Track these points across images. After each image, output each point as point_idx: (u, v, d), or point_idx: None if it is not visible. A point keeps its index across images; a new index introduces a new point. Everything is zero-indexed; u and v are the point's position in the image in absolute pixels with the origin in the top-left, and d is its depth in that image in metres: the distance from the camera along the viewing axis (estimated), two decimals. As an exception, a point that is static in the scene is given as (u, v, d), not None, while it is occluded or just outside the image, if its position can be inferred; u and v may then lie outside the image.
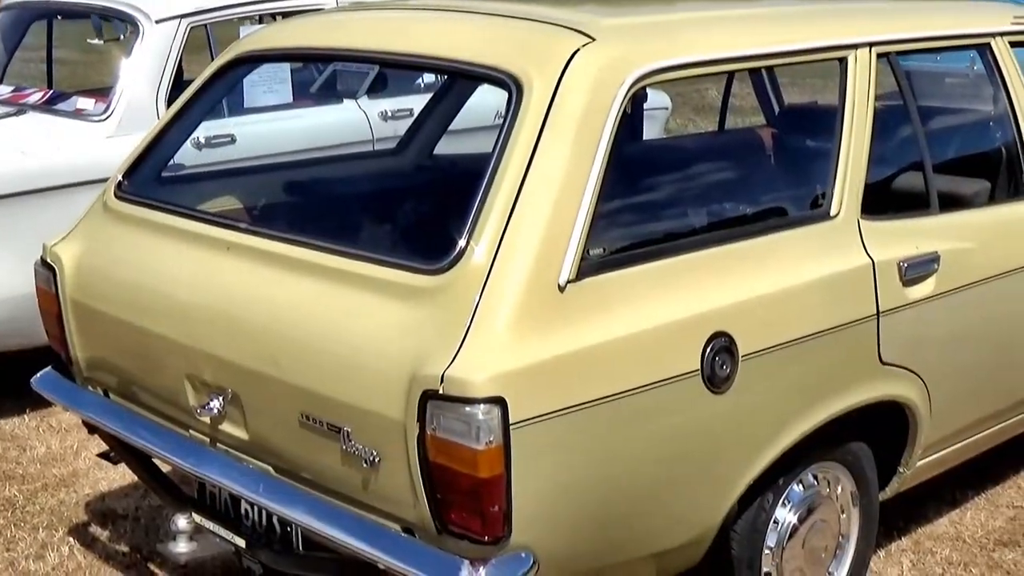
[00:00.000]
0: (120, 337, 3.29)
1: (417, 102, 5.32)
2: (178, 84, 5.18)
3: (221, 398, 2.99)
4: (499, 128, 2.76)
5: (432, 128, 4.41)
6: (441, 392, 2.49)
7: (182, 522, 3.22)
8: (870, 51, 3.33)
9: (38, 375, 3.61)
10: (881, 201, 3.37)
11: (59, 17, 6.52)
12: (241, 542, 3.13)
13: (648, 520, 2.86)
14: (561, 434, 2.59)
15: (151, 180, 3.54)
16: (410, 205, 3.83)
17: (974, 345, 3.58)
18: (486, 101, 4.02)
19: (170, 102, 4.88)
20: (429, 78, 5.85)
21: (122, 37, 5.56)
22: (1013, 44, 3.85)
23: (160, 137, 3.56)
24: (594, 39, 2.86)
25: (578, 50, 2.82)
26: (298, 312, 2.84)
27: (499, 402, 2.48)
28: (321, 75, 6.18)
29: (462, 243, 2.62)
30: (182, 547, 3.23)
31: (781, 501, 3.17)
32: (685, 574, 3.07)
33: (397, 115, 5.86)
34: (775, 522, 3.17)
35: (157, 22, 5.26)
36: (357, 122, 5.84)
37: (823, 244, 3.14)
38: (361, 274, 2.76)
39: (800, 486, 3.22)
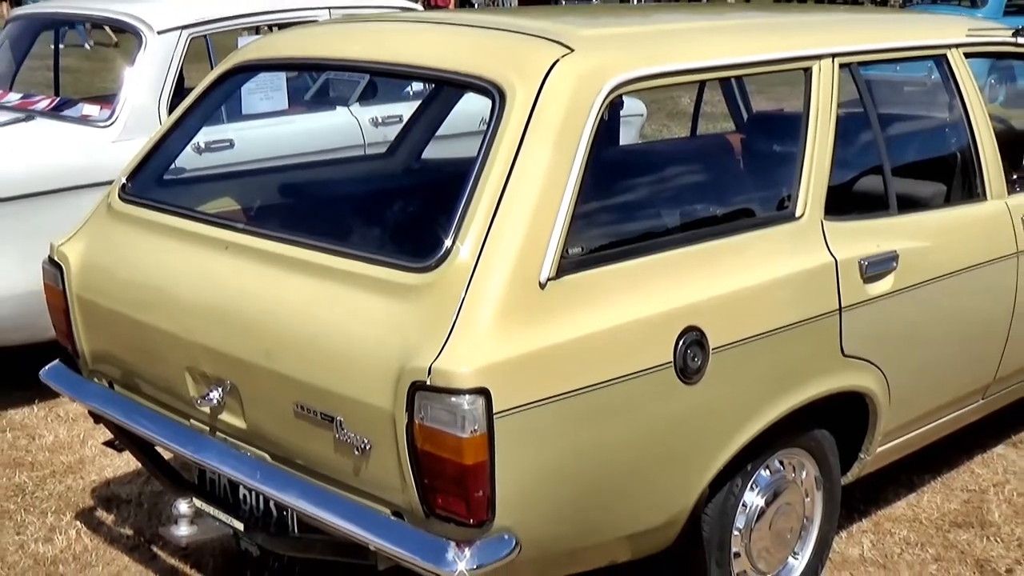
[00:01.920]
0: (124, 332, 3.34)
1: (406, 109, 5.34)
2: (179, 91, 5.22)
3: (220, 389, 3.04)
4: (483, 134, 2.80)
5: (420, 134, 4.44)
6: (428, 383, 2.54)
7: (183, 506, 3.25)
8: (833, 61, 3.38)
9: (46, 367, 3.65)
10: (843, 203, 3.41)
11: (66, 27, 6.49)
12: (239, 525, 3.17)
13: (624, 504, 2.90)
14: (542, 423, 2.64)
15: (153, 182, 3.58)
16: (399, 206, 3.86)
17: (930, 338, 3.64)
18: (471, 108, 4.06)
19: (171, 109, 4.91)
20: (417, 86, 5.87)
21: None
22: (968, 55, 3.93)
23: (162, 142, 3.60)
24: (573, 50, 2.90)
25: (558, 60, 2.86)
26: (293, 308, 2.87)
27: (483, 393, 2.53)
28: (315, 83, 6.24)
29: (448, 243, 2.67)
30: (183, 530, 3.26)
31: (749, 485, 3.23)
32: (658, 555, 3.11)
33: (387, 121, 5.89)
34: (744, 505, 3.23)
35: (159, 33, 5.29)
36: (349, 128, 5.87)
37: (789, 244, 3.19)
38: (353, 272, 2.80)
39: (767, 471, 3.29)
